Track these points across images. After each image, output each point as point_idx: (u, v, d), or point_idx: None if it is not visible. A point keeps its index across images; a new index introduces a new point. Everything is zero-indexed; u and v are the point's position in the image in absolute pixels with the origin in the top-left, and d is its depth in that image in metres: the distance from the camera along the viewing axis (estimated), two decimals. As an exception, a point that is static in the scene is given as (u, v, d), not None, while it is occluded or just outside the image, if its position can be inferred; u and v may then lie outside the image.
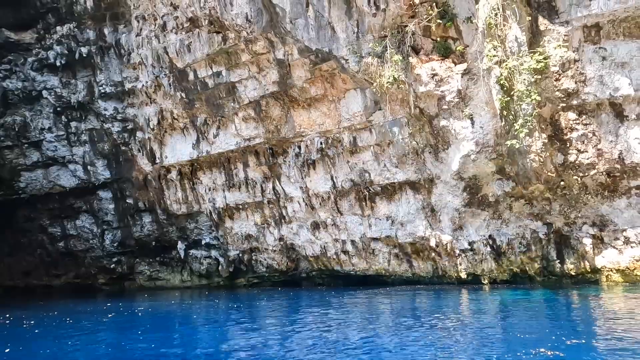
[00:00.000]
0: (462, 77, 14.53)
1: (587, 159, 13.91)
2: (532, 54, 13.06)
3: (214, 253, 22.26)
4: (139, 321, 13.87)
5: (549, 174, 14.04)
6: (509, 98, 13.26)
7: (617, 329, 9.05)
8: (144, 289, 23.47)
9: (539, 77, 13.19)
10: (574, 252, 14.99)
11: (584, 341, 8.18)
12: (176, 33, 18.65)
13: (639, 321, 9.64)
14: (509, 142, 13.51)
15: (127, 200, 22.51)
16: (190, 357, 9.46)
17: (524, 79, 12.83)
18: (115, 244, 23.31)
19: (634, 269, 14.18)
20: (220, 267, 22.14)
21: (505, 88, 13.26)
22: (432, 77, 14.75)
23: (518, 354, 7.41)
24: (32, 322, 13.65)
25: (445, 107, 14.92)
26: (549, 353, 7.32)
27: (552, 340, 8.16)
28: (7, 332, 12.93)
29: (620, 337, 8.43)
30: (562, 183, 14.46)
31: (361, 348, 8.96)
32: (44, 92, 21.15)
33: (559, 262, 15.25)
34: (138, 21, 19.52)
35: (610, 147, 13.67)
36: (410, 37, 14.61)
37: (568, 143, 13.98)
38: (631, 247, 14.18)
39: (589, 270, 14.79)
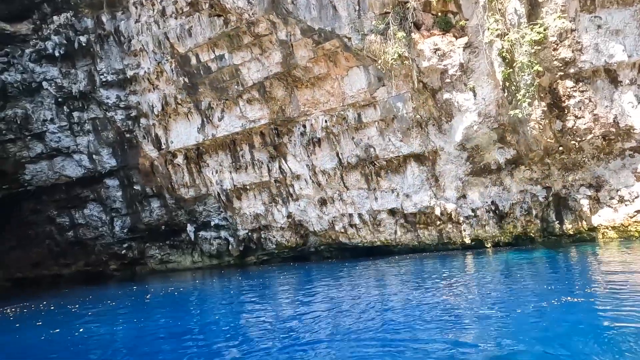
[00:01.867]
0: (463, 50, 15.06)
1: (584, 124, 14.65)
2: (532, 26, 13.60)
3: (223, 233, 22.79)
4: (180, 299, 14.08)
5: (548, 140, 14.77)
6: (510, 70, 13.84)
7: (623, 278, 9.90)
8: (156, 273, 24.00)
9: (539, 47, 13.78)
10: (572, 212, 15.88)
11: (603, 289, 8.97)
12: (176, 18, 18.70)
13: (637, 270, 10.56)
14: (512, 112, 14.15)
15: (135, 187, 22.79)
16: (266, 318, 10.11)
17: (525, 51, 13.39)
18: (125, 230, 23.70)
19: (628, 226, 15.12)
20: (230, 247, 22.72)
21: (507, 60, 13.82)
22: (435, 52, 15.25)
23: (552, 301, 8.17)
24: (77, 306, 13.92)
25: (448, 80, 15.47)
26: (576, 300, 8.11)
27: (574, 288, 8.97)
28: (62, 316, 13.02)
29: (630, 283, 9.24)
30: (560, 148, 15.23)
31: (389, 304, 9.62)
32: (44, 83, 21.05)
33: (558, 223, 16.16)
34: (136, 7, 19.46)
35: (605, 111, 14.41)
36: (412, 13, 15.01)
37: (566, 110, 14.68)
38: (625, 205, 15.09)
39: (586, 229, 15.71)
